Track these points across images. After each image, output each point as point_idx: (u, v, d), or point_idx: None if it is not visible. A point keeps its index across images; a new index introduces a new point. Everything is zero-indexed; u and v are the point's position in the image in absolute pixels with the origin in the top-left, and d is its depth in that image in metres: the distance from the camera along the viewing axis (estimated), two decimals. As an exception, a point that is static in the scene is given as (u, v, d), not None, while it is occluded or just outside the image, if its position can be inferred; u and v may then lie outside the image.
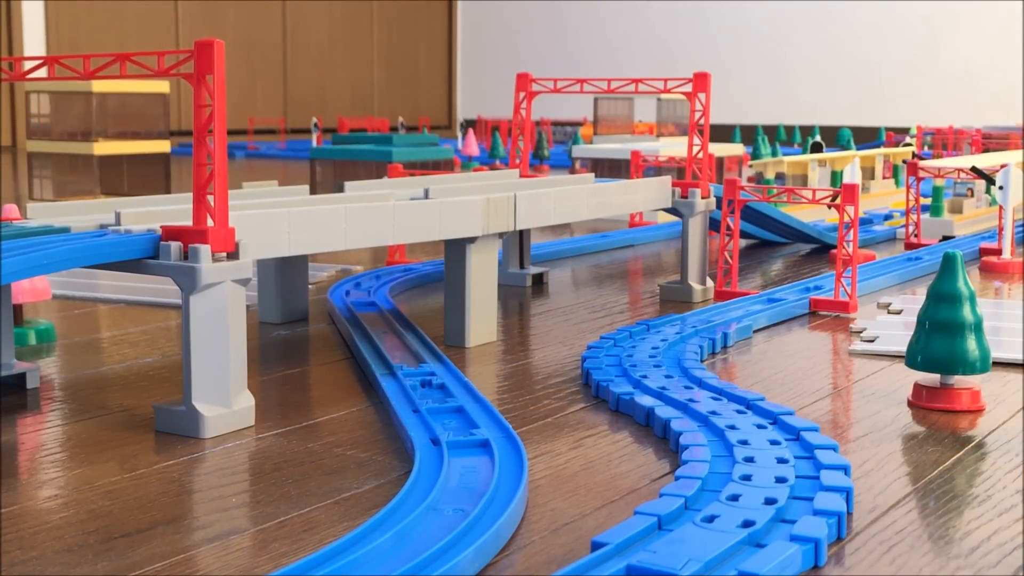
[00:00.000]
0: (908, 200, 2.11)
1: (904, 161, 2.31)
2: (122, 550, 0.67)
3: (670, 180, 1.53)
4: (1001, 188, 1.84)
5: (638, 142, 3.32)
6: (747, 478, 0.75)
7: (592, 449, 0.88)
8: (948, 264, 1.00)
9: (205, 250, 0.89)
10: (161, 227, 0.91)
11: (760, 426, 0.88)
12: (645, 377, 1.03)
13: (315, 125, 4.52)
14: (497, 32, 7.32)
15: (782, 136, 5.09)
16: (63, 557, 0.66)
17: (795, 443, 0.84)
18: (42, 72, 0.97)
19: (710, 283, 1.55)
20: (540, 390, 1.06)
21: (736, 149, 3.07)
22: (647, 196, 1.51)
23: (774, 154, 3.47)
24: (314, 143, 4.40)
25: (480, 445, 0.84)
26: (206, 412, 0.90)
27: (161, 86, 2.87)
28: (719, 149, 2.91)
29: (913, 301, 1.49)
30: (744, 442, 0.83)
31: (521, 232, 1.66)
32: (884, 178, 2.80)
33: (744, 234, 2.07)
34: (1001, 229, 1.86)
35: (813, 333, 1.33)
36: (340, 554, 0.63)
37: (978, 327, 0.99)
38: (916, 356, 1.00)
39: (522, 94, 1.66)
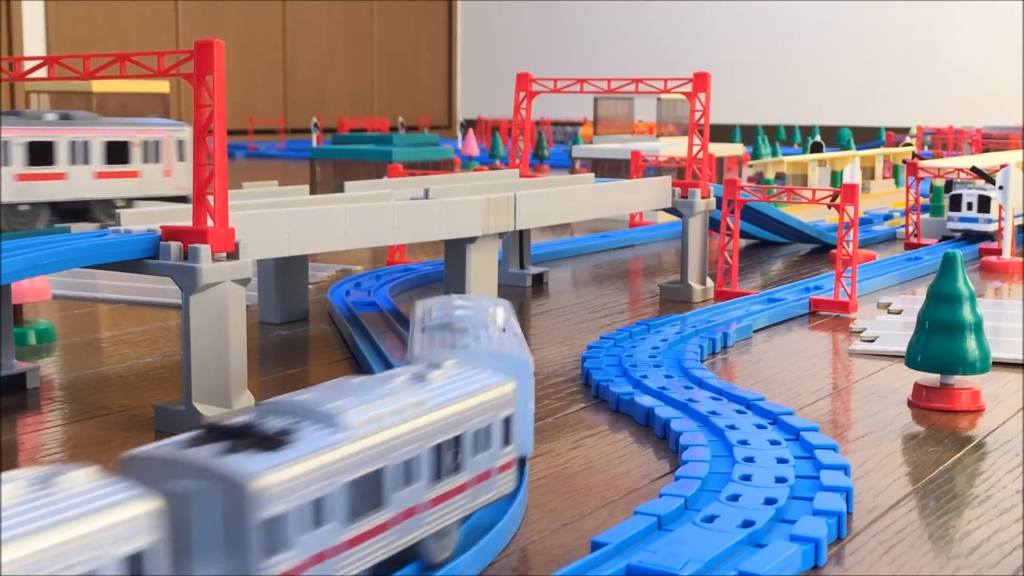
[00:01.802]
0: (908, 200, 2.11)
1: (904, 161, 2.31)
2: (122, 550, 0.67)
3: (670, 180, 1.53)
4: (1001, 188, 1.84)
5: (638, 142, 3.32)
6: (747, 478, 0.75)
7: (592, 449, 0.88)
8: (948, 264, 1.00)
9: (205, 250, 0.89)
10: (161, 227, 0.91)
11: (760, 426, 0.88)
12: (645, 377, 1.03)
13: (315, 125, 4.51)
14: (497, 32, 7.32)
15: (782, 136, 5.09)
16: (63, 557, 0.66)
17: (795, 443, 0.84)
18: (42, 72, 0.97)
19: (710, 283, 1.55)
20: (540, 390, 1.06)
21: (736, 149, 3.07)
22: (647, 196, 1.51)
23: (774, 154, 3.47)
24: (314, 143, 4.40)
25: (480, 445, 0.84)
26: (206, 412, 0.90)
27: (161, 86, 2.87)
28: (719, 149, 2.91)
29: (913, 301, 1.49)
30: (744, 442, 0.83)
31: (521, 232, 1.66)
32: (884, 178, 2.80)
33: (744, 234, 2.07)
34: (1001, 229, 1.86)
35: (813, 333, 1.33)
36: (340, 554, 0.63)
37: (978, 327, 0.99)
38: (916, 356, 1.00)
39: (522, 94, 1.66)
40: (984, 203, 2.01)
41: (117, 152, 1.10)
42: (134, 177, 1.14)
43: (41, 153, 1.10)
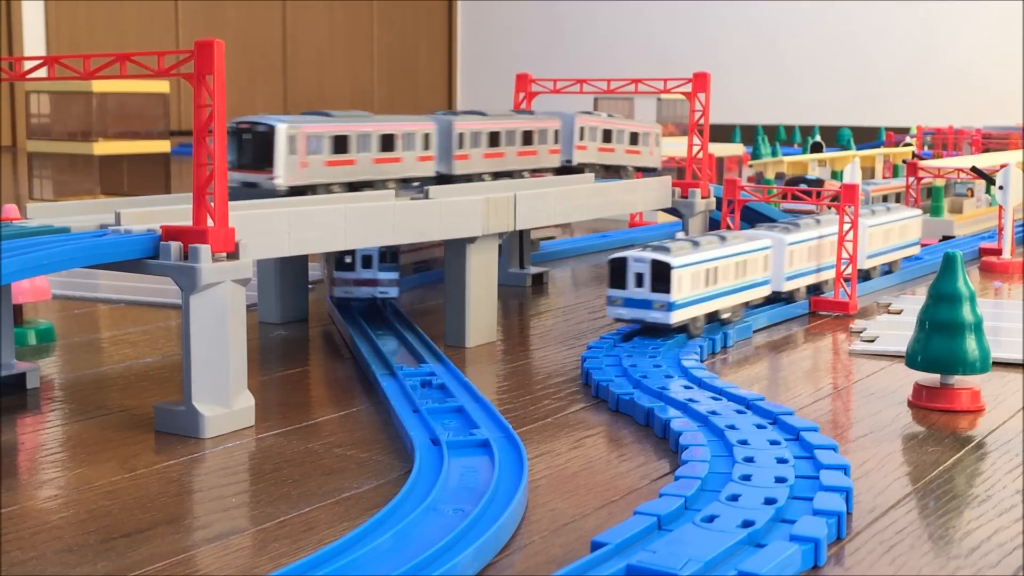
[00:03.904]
0: (908, 200, 2.11)
1: (904, 161, 2.31)
2: (122, 550, 0.67)
3: (670, 180, 1.53)
4: (1001, 188, 1.84)
5: (638, 142, 3.31)
6: (747, 478, 0.75)
7: (592, 449, 0.88)
8: (948, 264, 1.00)
9: (205, 250, 0.89)
10: (161, 227, 0.91)
11: (760, 426, 0.88)
12: (645, 377, 1.03)
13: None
14: (497, 32, 7.32)
15: (782, 136, 5.09)
16: (63, 557, 0.66)
17: (795, 443, 0.84)
18: (42, 72, 0.97)
19: (710, 283, 1.55)
20: (540, 390, 1.06)
21: (736, 149, 3.06)
22: (647, 196, 1.51)
23: (774, 154, 3.47)
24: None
25: (480, 445, 0.84)
26: (206, 412, 0.90)
27: (161, 86, 2.87)
28: (719, 149, 2.91)
29: (913, 301, 1.49)
30: (744, 442, 0.83)
31: (521, 232, 1.66)
32: (884, 178, 2.80)
33: (744, 234, 2.07)
34: (1001, 229, 1.86)
35: (813, 333, 1.33)
36: (340, 554, 0.63)
37: (978, 327, 0.99)
38: (916, 356, 1.00)
39: (522, 94, 1.66)
40: (661, 274, 1.16)
41: (634, 138, 1.64)
42: (637, 155, 1.66)
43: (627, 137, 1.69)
